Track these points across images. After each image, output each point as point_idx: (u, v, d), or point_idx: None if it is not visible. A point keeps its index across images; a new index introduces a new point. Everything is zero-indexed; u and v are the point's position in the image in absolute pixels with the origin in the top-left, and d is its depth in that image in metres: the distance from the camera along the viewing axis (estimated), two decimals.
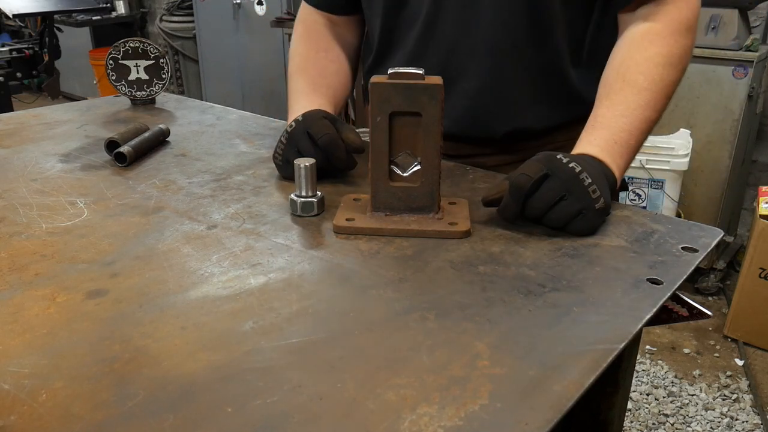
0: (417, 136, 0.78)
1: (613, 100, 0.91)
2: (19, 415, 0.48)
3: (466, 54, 1.01)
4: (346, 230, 0.78)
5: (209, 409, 0.49)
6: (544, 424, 0.47)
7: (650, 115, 0.91)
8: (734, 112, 2.62)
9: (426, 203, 0.80)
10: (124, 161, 1.01)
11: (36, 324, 0.60)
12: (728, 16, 2.56)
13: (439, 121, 0.76)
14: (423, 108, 0.76)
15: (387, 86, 0.76)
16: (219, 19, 4.42)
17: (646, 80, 0.90)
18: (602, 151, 0.86)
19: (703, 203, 2.79)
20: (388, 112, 0.76)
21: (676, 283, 0.68)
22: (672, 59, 0.92)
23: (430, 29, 1.01)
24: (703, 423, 2.09)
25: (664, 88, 0.92)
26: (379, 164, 0.79)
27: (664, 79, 0.91)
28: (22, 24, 5.58)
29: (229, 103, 1.62)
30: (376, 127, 0.77)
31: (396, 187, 0.80)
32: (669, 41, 0.92)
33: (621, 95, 0.90)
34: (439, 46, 1.02)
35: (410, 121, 0.77)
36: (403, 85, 0.75)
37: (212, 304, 0.63)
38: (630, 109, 0.89)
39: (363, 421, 0.48)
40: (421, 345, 0.57)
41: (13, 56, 3.22)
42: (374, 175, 0.80)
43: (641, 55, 0.92)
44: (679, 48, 0.93)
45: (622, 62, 0.93)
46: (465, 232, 0.77)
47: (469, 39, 1.00)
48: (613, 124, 0.88)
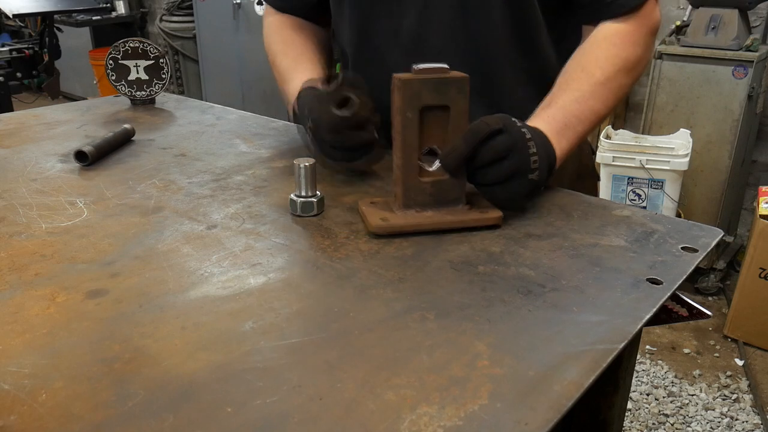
0: (442, 131, 0.79)
1: (570, 87, 0.94)
2: (19, 415, 0.48)
3: (455, 63, 1.02)
4: (385, 230, 0.77)
5: (209, 409, 0.49)
6: (543, 424, 0.47)
7: (600, 108, 0.94)
8: (734, 112, 2.62)
9: (456, 195, 0.81)
10: (86, 160, 1.01)
11: (36, 324, 0.60)
12: (728, 16, 2.56)
13: (466, 114, 0.78)
14: (452, 101, 0.78)
15: (417, 82, 0.77)
16: (219, 19, 4.41)
17: (603, 75, 0.94)
18: (552, 130, 0.88)
19: (703, 203, 2.79)
20: (419, 107, 0.78)
21: (676, 283, 0.68)
22: (628, 65, 0.96)
23: (416, 41, 1.01)
24: (703, 423, 2.09)
25: (617, 89, 0.96)
26: (409, 160, 0.79)
27: (618, 79, 0.96)
28: (22, 24, 5.58)
29: (229, 103, 1.62)
30: (407, 123, 0.78)
31: (426, 182, 0.80)
32: (628, 48, 0.97)
33: (577, 83, 0.94)
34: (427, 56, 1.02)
35: (437, 115, 0.79)
36: (434, 80, 0.77)
37: (212, 304, 0.63)
38: (584, 97, 0.92)
39: (363, 421, 0.48)
40: (421, 345, 0.57)
41: (13, 56, 3.23)
42: (405, 172, 0.80)
43: (602, 53, 0.96)
44: (635, 56, 0.97)
45: (583, 56, 0.97)
46: (499, 218, 0.79)
47: (458, 50, 1.00)
48: (567, 108, 0.91)
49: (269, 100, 4.29)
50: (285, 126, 1.24)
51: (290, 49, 1.15)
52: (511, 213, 0.84)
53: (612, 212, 0.84)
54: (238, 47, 4.38)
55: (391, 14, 1.02)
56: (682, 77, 2.69)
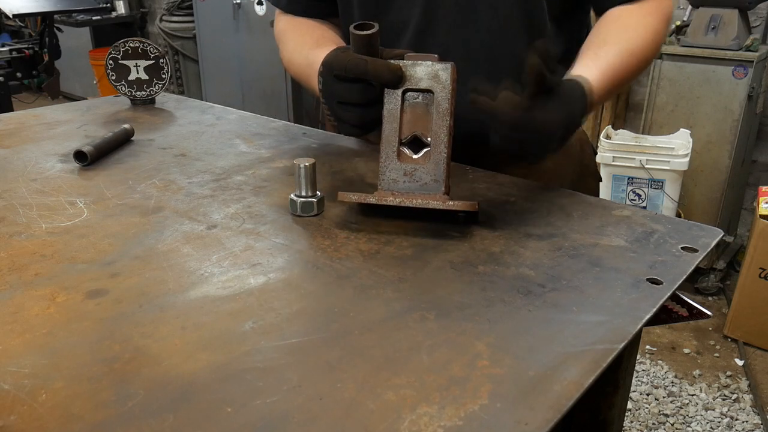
0: (427, 117, 0.80)
1: (612, 49, 0.93)
2: (19, 415, 0.48)
3: (461, 61, 1.01)
4: (349, 198, 0.79)
5: (209, 409, 0.49)
6: (543, 424, 0.47)
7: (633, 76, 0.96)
8: (734, 112, 2.62)
9: (433, 180, 0.80)
10: (85, 160, 1.01)
11: (36, 324, 0.60)
12: (728, 16, 2.56)
13: (450, 100, 0.79)
14: (435, 86, 0.79)
15: (403, 65, 0.80)
16: (219, 19, 4.42)
17: (641, 42, 0.95)
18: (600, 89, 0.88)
19: (703, 203, 2.79)
20: (402, 88, 0.79)
21: (676, 283, 0.68)
22: (657, 36, 0.97)
23: (421, 37, 1.01)
24: (703, 423, 2.09)
25: (647, 59, 0.97)
26: (389, 141, 0.80)
27: (650, 49, 0.96)
28: (22, 24, 5.58)
29: (229, 103, 1.62)
30: (389, 102, 0.80)
31: (404, 165, 0.81)
32: (656, 18, 0.97)
33: (617, 47, 0.93)
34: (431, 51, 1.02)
35: (422, 102, 0.80)
36: (418, 63, 0.80)
37: (212, 304, 0.63)
38: (624, 62, 0.92)
39: (363, 421, 0.48)
40: (421, 345, 0.57)
41: (13, 56, 3.23)
42: (384, 152, 0.81)
43: (637, 21, 0.96)
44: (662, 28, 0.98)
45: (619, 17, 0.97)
46: (471, 205, 0.76)
47: (464, 46, 1.00)
48: (613, 69, 0.91)
49: (269, 100, 4.30)
50: (285, 126, 1.24)
51: (308, 38, 1.10)
52: (510, 213, 0.84)
53: (612, 212, 0.84)
54: (238, 47, 4.38)
55: (399, 9, 1.02)
56: (682, 77, 2.70)
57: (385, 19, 1.03)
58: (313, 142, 1.14)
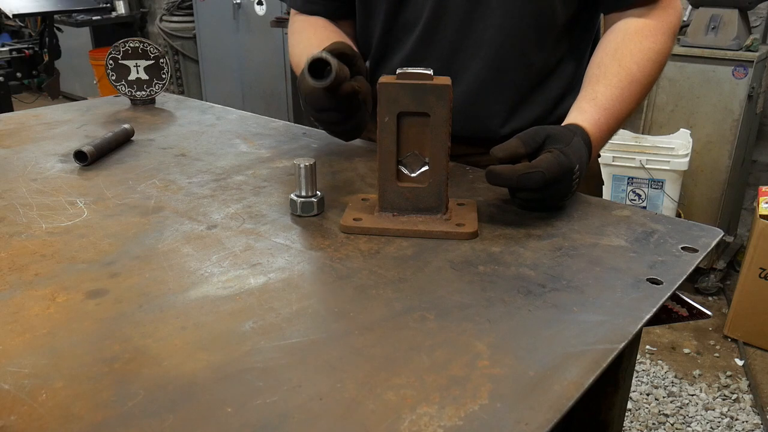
0: (425, 137, 0.78)
1: (611, 82, 0.93)
2: (19, 415, 0.48)
3: (468, 56, 1.01)
4: (353, 230, 0.78)
5: (209, 409, 0.49)
6: (543, 424, 0.47)
7: (634, 107, 0.95)
8: (734, 112, 2.62)
9: (433, 204, 0.80)
10: (85, 160, 1.01)
11: (36, 324, 0.60)
12: (728, 16, 2.56)
13: (447, 122, 0.77)
14: (431, 108, 0.76)
15: (395, 87, 0.75)
16: (219, 19, 4.42)
17: (639, 71, 0.94)
18: (599, 132, 0.89)
19: (703, 203, 2.79)
20: (396, 112, 0.76)
21: (676, 283, 0.68)
22: (659, 57, 0.96)
23: (431, 32, 1.01)
24: (703, 423, 2.09)
25: (649, 85, 0.96)
26: (386, 164, 0.79)
27: (651, 74, 0.96)
28: (22, 24, 5.57)
29: (229, 103, 1.62)
30: (384, 127, 0.77)
31: (403, 187, 0.80)
32: (659, 39, 0.97)
33: (617, 79, 0.93)
34: (440, 49, 1.02)
35: (418, 121, 0.77)
36: (412, 85, 0.75)
37: (212, 304, 0.63)
38: (623, 96, 0.93)
39: (363, 421, 0.48)
40: (421, 345, 0.57)
41: (13, 56, 3.23)
42: (382, 175, 0.80)
43: (636, 47, 0.95)
44: (666, 48, 0.98)
45: (617, 49, 0.96)
46: (472, 234, 0.77)
47: (472, 42, 1.00)
48: (611, 107, 0.92)
49: (269, 100, 4.30)
50: (285, 126, 1.24)
51: (315, 40, 1.09)
52: (510, 213, 0.84)
53: (612, 212, 0.84)
54: (238, 47, 4.38)
55: (415, 5, 1.02)
56: (682, 77, 2.70)
57: (400, 16, 1.04)
58: (313, 142, 1.14)
